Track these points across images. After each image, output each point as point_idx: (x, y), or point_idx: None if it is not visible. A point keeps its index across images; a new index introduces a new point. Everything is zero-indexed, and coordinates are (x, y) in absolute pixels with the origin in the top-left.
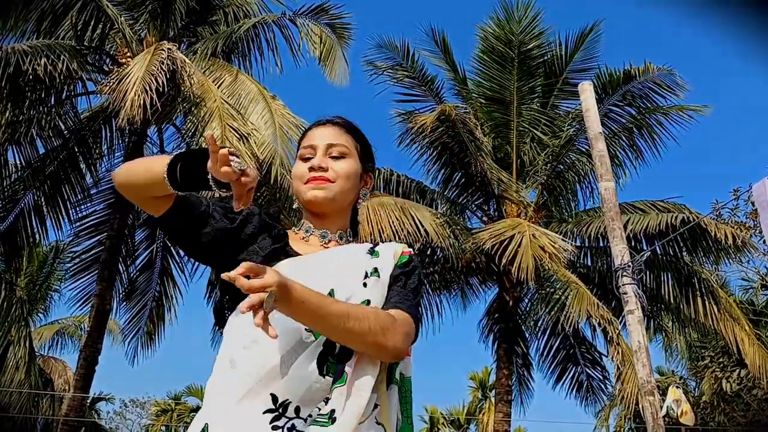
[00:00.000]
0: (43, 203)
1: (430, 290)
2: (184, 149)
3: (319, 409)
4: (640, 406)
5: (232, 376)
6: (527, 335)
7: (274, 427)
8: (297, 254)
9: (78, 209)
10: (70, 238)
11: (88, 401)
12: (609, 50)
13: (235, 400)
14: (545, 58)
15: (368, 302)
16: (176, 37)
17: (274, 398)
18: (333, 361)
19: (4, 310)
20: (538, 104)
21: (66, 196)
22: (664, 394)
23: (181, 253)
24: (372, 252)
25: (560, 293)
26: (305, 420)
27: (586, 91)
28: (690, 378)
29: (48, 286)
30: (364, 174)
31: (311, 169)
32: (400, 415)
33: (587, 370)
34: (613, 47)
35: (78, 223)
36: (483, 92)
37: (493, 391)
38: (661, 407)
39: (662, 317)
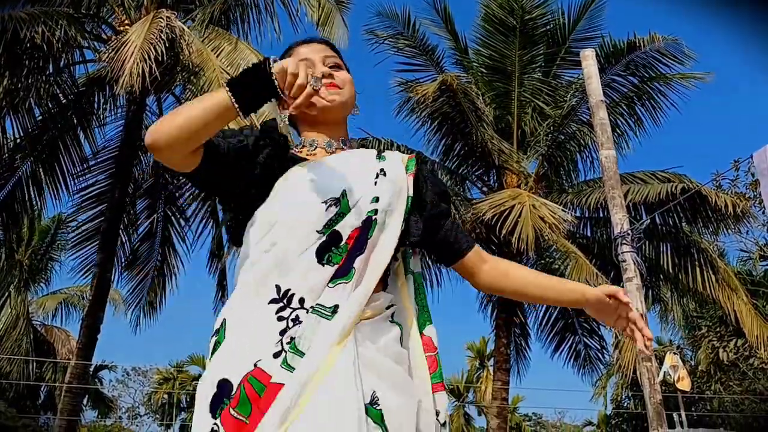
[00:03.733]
0: (41, 172)
1: (429, 262)
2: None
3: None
4: (638, 373)
5: (249, 276)
6: (525, 305)
7: (280, 318)
8: (302, 159)
9: (76, 179)
10: (72, 209)
11: (91, 369)
12: (613, 21)
13: (248, 296)
14: (548, 27)
15: (377, 198)
16: (174, 4)
17: (278, 288)
18: (336, 252)
19: (4, 272)
20: (539, 74)
21: (64, 165)
22: (661, 363)
23: (182, 222)
24: (379, 156)
25: (560, 263)
26: (308, 310)
27: (588, 58)
28: (687, 347)
29: (50, 257)
30: None
31: (322, 76)
32: (415, 306)
33: (585, 339)
34: (618, 19)
35: (79, 194)
36: (484, 62)
37: (491, 360)
38: (658, 373)
39: (660, 287)
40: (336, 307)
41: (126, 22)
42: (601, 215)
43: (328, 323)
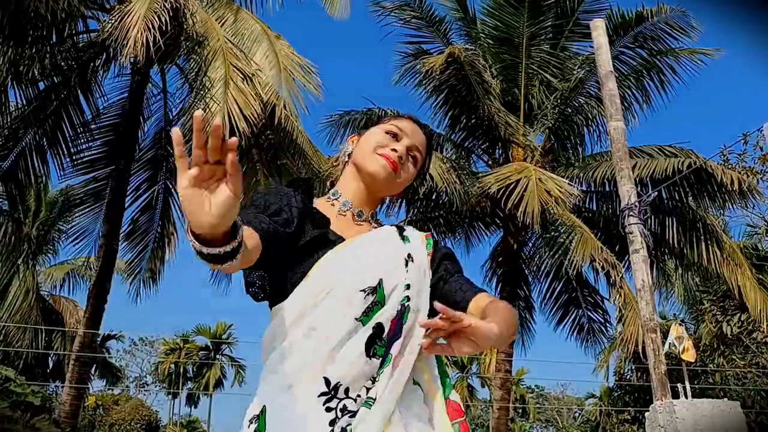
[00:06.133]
0: (45, 142)
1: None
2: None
3: (367, 390)
4: (640, 346)
5: (288, 361)
6: (530, 279)
7: (327, 409)
8: (337, 237)
9: (77, 145)
10: (71, 176)
11: (99, 339)
12: None
13: (291, 383)
14: None
15: (409, 286)
16: None
17: (327, 381)
18: (380, 344)
19: (12, 244)
20: (548, 46)
21: (67, 135)
22: (665, 337)
23: None
24: (402, 237)
25: (565, 237)
26: (355, 400)
27: (598, 28)
28: (690, 322)
29: (58, 228)
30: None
31: (394, 150)
32: (435, 372)
33: (588, 313)
34: None
35: (75, 158)
36: (492, 33)
37: None
38: (663, 345)
39: (666, 262)
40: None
41: None
42: (608, 189)
43: (369, 411)
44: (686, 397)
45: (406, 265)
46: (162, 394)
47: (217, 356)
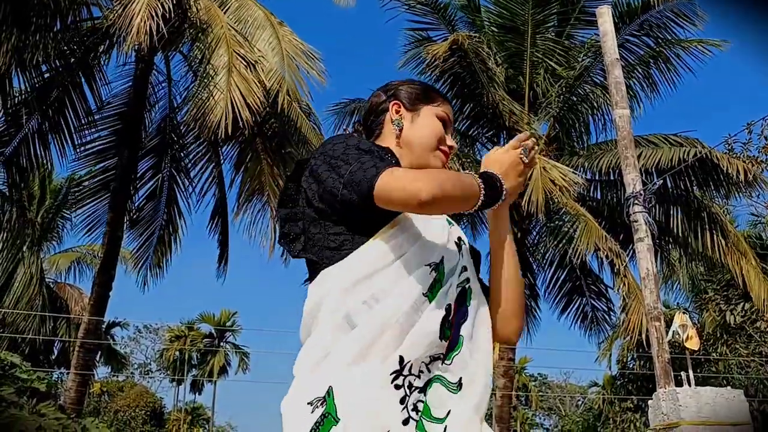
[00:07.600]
0: (47, 129)
1: None
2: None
3: (426, 366)
4: (643, 335)
5: (352, 334)
6: (534, 267)
7: (396, 386)
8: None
9: (81, 134)
10: (80, 166)
11: (103, 326)
12: None
13: (360, 360)
14: None
15: (465, 268)
16: None
17: (401, 359)
18: (447, 325)
19: (16, 230)
20: (553, 34)
21: (70, 122)
22: (668, 326)
23: (186, 182)
24: (449, 221)
25: (569, 226)
26: (418, 376)
27: (604, 15)
28: (694, 311)
29: (62, 215)
30: None
31: (451, 147)
32: None
33: (592, 301)
34: None
35: (83, 151)
36: (496, 21)
37: None
38: (667, 332)
39: (670, 251)
40: (460, 380)
41: None
42: (612, 178)
43: (457, 397)
44: (689, 385)
45: (459, 248)
46: (166, 381)
47: (222, 343)
